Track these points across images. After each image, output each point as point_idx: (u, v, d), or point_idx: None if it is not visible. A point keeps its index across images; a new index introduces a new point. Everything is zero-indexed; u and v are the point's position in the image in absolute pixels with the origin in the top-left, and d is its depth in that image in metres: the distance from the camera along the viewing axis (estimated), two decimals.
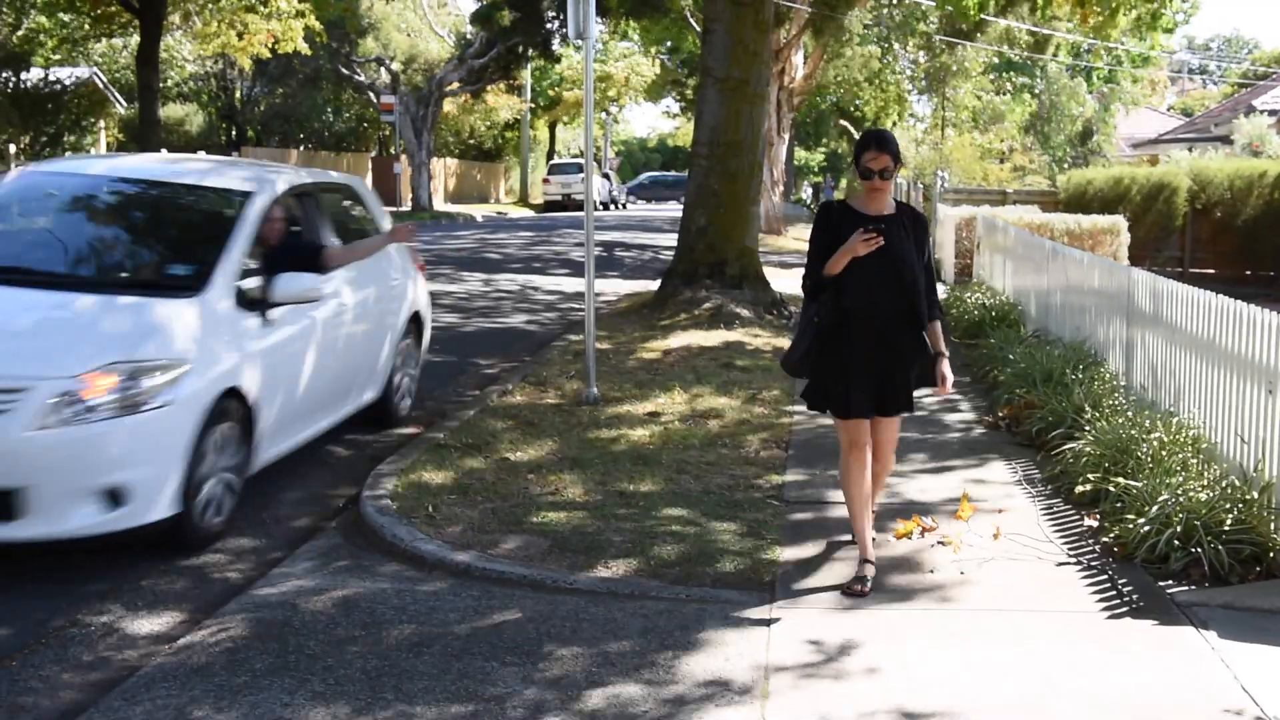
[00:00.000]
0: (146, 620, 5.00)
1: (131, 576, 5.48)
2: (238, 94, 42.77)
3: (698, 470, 6.99)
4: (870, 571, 5.24)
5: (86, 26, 29.09)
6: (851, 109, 47.65)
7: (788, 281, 17.33)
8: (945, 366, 5.35)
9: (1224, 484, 5.66)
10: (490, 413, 8.40)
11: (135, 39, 28.32)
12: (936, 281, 5.44)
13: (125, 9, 25.81)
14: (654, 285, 14.87)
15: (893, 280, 5.18)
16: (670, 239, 14.62)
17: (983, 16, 23.09)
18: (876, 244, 5.05)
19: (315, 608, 4.97)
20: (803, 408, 8.64)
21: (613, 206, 54.58)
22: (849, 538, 5.65)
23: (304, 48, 27.75)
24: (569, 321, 13.77)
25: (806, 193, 53.84)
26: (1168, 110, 56.95)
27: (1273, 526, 5.28)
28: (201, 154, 33.86)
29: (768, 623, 4.80)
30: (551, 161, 55.77)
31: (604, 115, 65.79)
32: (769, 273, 15.02)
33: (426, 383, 10.07)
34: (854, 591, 5.09)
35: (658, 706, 4.09)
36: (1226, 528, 5.31)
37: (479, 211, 44.18)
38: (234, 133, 42.64)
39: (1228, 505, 5.43)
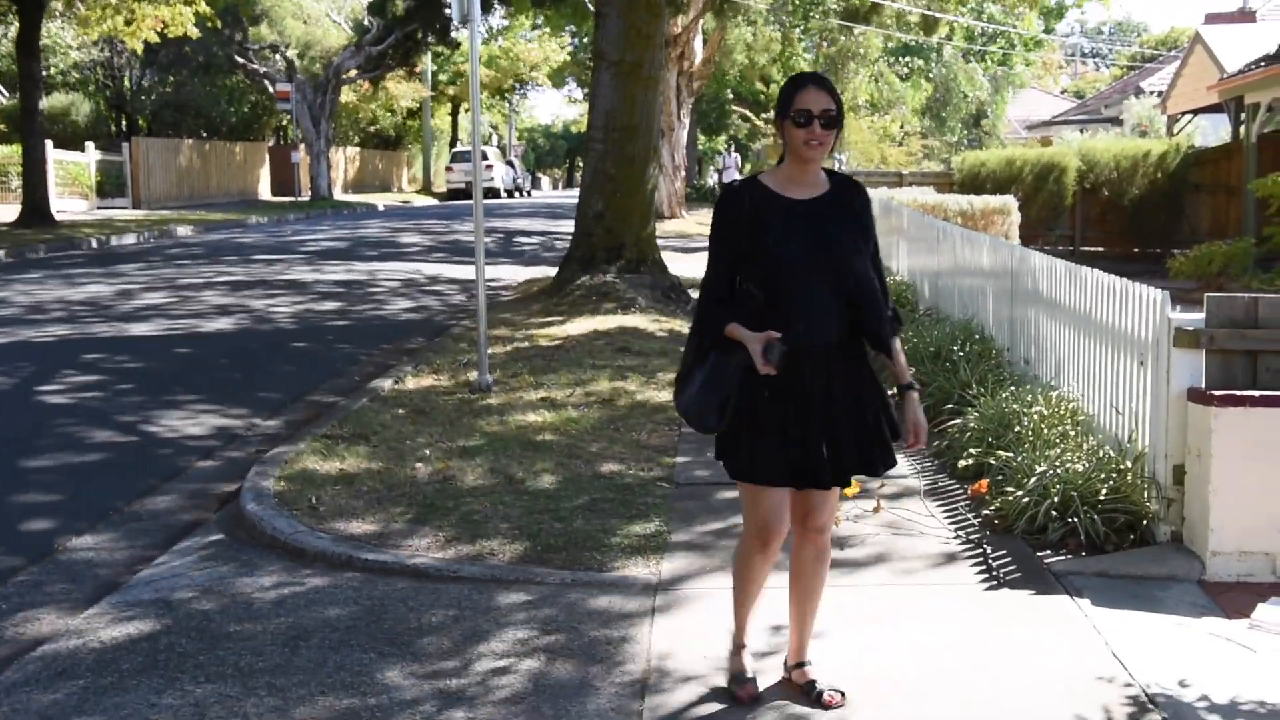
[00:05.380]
0: (12, 621, 4.82)
1: None
2: (126, 82, 41.64)
3: (589, 455, 6.95)
4: (748, 663, 4.03)
5: None
6: (750, 96, 47.95)
7: (687, 265, 17.37)
8: (917, 407, 3.82)
9: (1100, 454, 5.77)
10: (380, 401, 8.28)
11: (16, 25, 27.40)
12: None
13: None
14: (553, 271, 14.80)
15: (837, 290, 3.68)
16: (573, 225, 14.55)
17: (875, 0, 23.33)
18: (768, 370, 3.57)
19: (190, 604, 4.84)
20: None
21: (518, 193, 54.30)
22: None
23: (194, 33, 27.08)
24: (464, 309, 13.65)
25: (712, 178, 54.01)
26: (1061, 93, 58.27)
27: (1145, 495, 5.40)
28: (89, 145, 32.90)
29: (653, 610, 4.78)
30: (454, 149, 55.26)
31: (507, 103, 65.39)
32: (668, 257, 15.05)
33: (316, 373, 9.91)
34: (741, 697, 3.92)
35: (539, 694, 4.04)
36: (1102, 497, 5.41)
37: (381, 200, 43.68)
38: (124, 123, 41.53)
39: (1103, 476, 5.54)
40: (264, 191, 44.74)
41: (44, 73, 27.48)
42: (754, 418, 3.69)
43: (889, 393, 3.91)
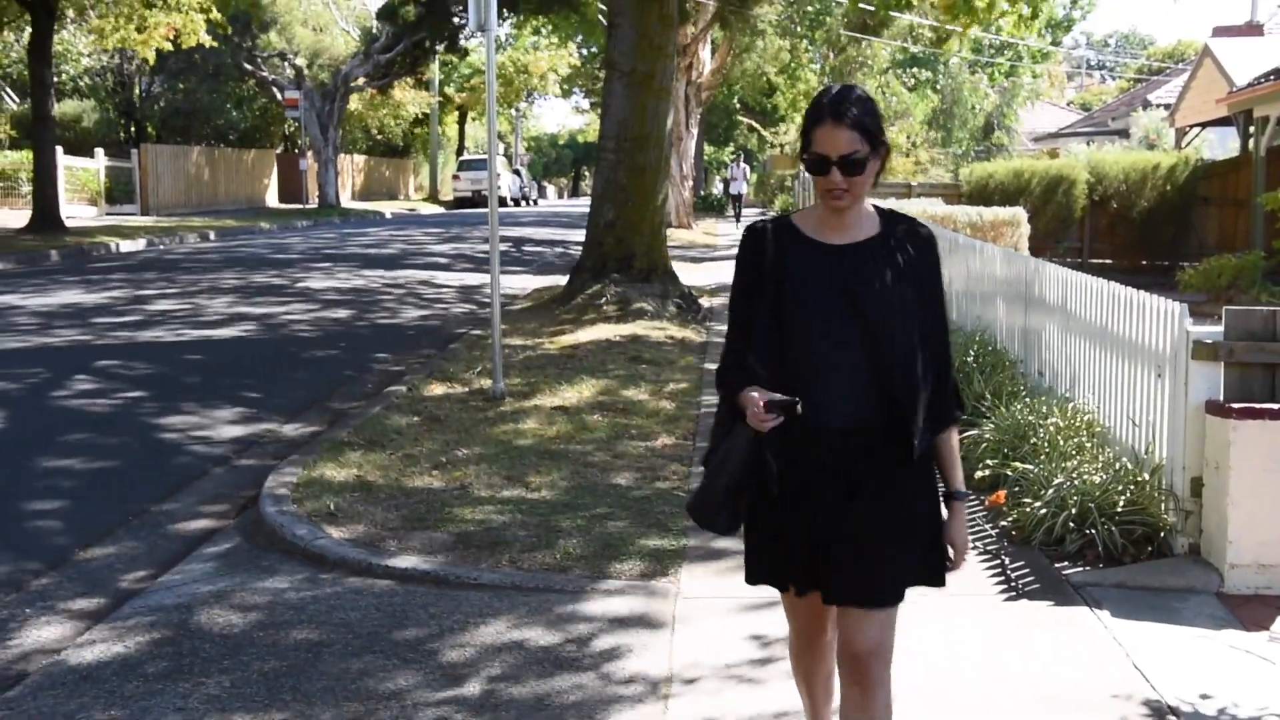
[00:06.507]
0: (35, 626, 4.85)
1: (20, 579, 5.32)
2: (136, 89, 41.78)
3: (604, 464, 6.97)
4: None
5: None
6: (758, 106, 48.00)
7: (697, 275, 17.43)
8: (959, 524, 3.03)
9: (1117, 466, 5.79)
10: (394, 409, 8.30)
11: (28, 32, 27.52)
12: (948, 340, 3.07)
13: (16, 1, 25.05)
14: (564, 280, 14.84)
15: (872, 365, 2.86)
16: (581, 234, 14.60)
17: (889, 13, 23.41)
18: (770, 423, 2.80)
19: (212, 610, 4.86)
20: (711, 399, 8.73)
21: (524, 202, 54.42)
22: None
23: (207, 41, 27.19)
24: (476, 317, 13.68)
25: (718, 188, 54.05)
26: (1067, 105, 58.25)
27: (1163, 507, 5.41)
28: (99, 152, 33.00)
29: (673, 620, 4.79)
30: (461, 158, 55.38)
31: (514, 111, 65.52)
32: (677, 266, 15.08)
33: (330, 380, 9.94)
34: None
35: (561, 703, 4.06)
36: (1119, 509, 5.43)
37: (388, 208, 43.77)
38: (133, 129, 41.65)
39: (1120, 487, 5.55)
40: (272, 199, 44.85)
41: (55, 79, 27.56)
42: (755, 508, 3.01)
43: None
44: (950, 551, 3.04)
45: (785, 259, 2.95)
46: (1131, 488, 5.54)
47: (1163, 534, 5.37)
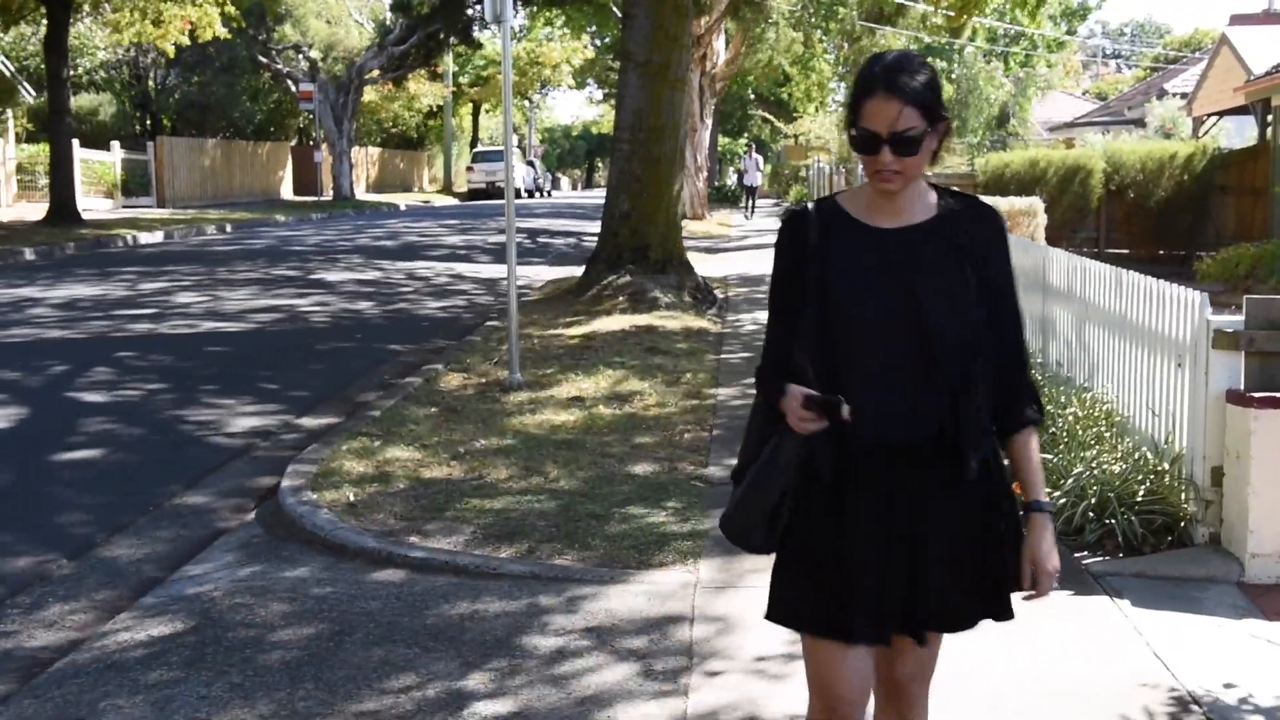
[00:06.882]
0: (58, 616, 4.88)
1: (42, 570, 5.36)
2: (151, 82, 41.92)
3: (621, 454, 6.98)
4: None
5: None
6: (771, 97, 47.89)
7: (712, 266, 17.42)
8: (1040, 541, 2.64)
9: (1136, 456, 5.77)
10: (412, 400, 8.33)
11: (44, 26, 27.64)
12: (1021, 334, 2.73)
13: None
14: (579, 271, 14.85)
15: (924, 362, 2.55)
16: (596, 225, 14.61)
17: (902, 1, 23.33)
18: (814, 427, 2.51)
19: (233, 599, 4.89)
20: (727, 389, 8.75)
21: (538, 194, 54.44)
22: None
23: (224, 33, 27.27)
24: (492, 308, 13.70)
25: (732, 179, 54.05)
26: (1083, 94, 58.00)
27: (1183, 497, 5.40)
28: (115, 144, 33.12)
29: (693, 609, 4.80)
30: (475, 149, 55.40)
31: (527, 103, 65.52)
32: (692, 257, 15.09)
33: (348, 371, 9.97)
34: None
35: (582, 690, 4.07)
36: (1139, 499, 5.42)
37: (402, 200, 43.83)
38: (149, 122, 41.80)
39: (1140, 477, 5.54)
40: (286, 191, 44.97)
41: (71, 72, 27.66)
42: (790, 533, 2.65)
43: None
44: (1029, 572, 2.64)
45: (829, 245, 2.61)
46: (1151, 477, 5.53)
47: (1183, 524, 5.36)
